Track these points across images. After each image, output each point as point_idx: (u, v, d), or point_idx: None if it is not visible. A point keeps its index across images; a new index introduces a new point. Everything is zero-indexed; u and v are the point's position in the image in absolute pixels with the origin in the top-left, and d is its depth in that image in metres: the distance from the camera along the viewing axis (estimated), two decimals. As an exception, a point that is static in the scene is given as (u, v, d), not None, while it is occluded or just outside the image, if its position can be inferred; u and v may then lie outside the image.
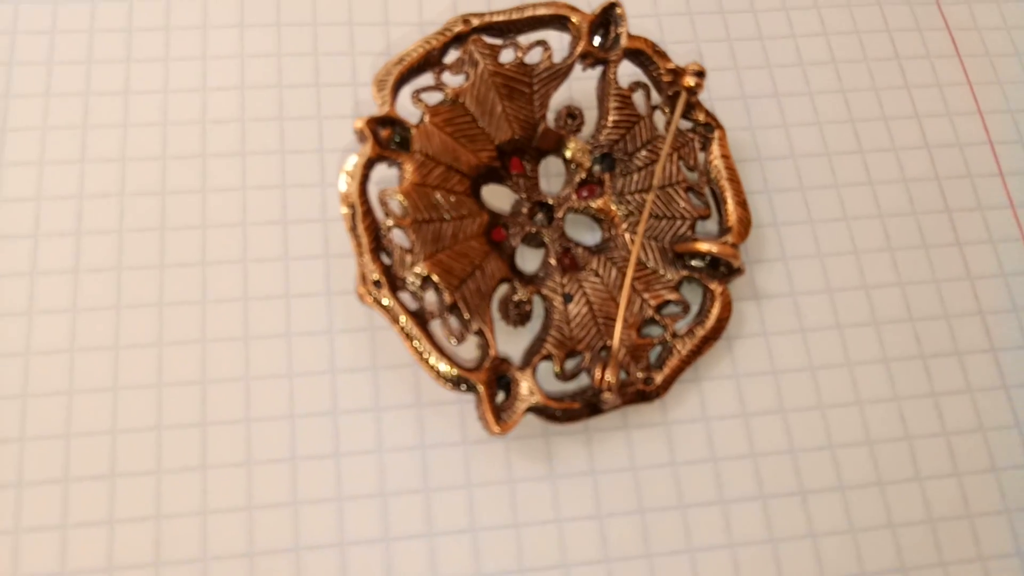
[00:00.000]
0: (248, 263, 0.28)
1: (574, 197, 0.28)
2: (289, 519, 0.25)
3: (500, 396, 0.25)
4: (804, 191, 0.31)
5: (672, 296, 0.27)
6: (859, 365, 0.28)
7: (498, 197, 0.29)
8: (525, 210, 0.28)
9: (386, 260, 0.25)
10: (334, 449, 0.26)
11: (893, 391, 0.28)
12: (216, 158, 0.29)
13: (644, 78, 0.29)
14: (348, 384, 0.27)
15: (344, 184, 0.25)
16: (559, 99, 0.30)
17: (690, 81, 0.28)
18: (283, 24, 0.31)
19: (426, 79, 0.27)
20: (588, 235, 0.29)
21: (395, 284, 0.25)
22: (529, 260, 0.28)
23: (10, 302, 0.26)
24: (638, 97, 0.29)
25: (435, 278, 0.25)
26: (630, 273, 0.26)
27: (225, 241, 0.28)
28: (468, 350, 0.26)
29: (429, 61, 0.27)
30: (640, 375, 0.26)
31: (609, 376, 0.25)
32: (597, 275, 0.27)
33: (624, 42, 0.28)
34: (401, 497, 0.25)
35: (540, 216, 0.28)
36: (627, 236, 0.28)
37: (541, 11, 0.28)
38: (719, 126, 0.29)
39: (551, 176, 0.30)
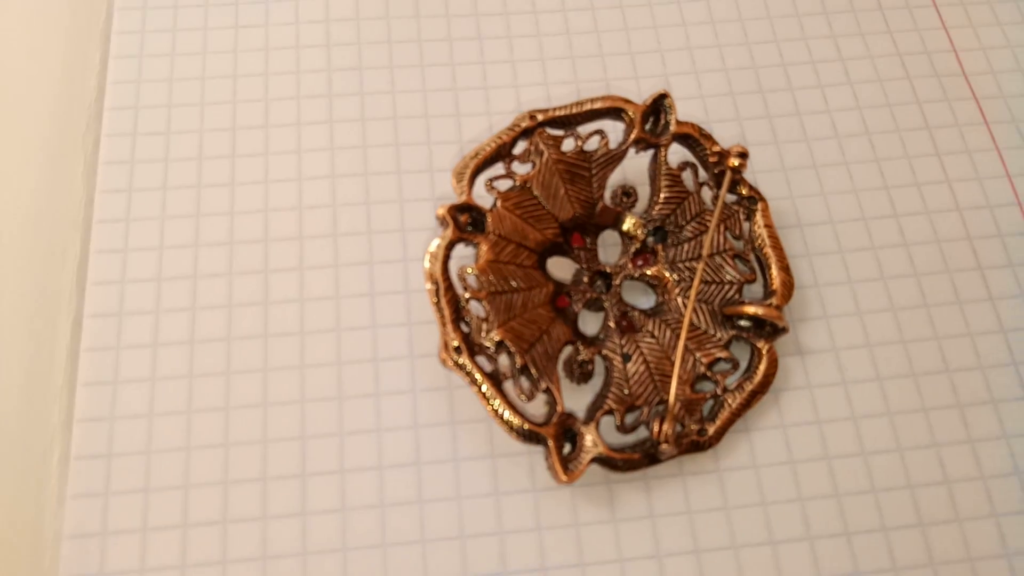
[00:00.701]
0: (341, 331, 0.31)
1: (630, 266, 0.32)
2: (379, 560, 0.28)
3: (567, 448, 0.28)
4: (843, 254, 0.33)
5: (722, 354, 0.30)
6: (899, 414, 0.31)
7: (562, 268, 0.32)
8: (586, 279, 0.31)
9: (464, 328, 0.29)
10: (417, 496, 0.29)
11: (932, 438, 0.30)
12: (311, 239, 0.33)
13: (692, 158, 0.33)
14: (429, 438, 0.30)
15: (428, 263, 0.29)
16: (615, 179, 0.34)
17: (734, 161, 0.31)
18: (367, 119, 0.35)
19: (498, 168, 0.31)
20: (643, 300, 0.32)
21: (473, 349, 0.29)
22: (591, 324, 0.32)
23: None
24: (687, 175, 0.33)
25: (508, 343, 0.29)
26: (684, 334, 0.29)
27: (321, 312, 0.32)
28: (537, 407, 0.29)
29: (500, 153, 0.31)
30: (694, 427, 0.29)
31: (667, 428, 0.28)
32: (652, 336, 0.30)
33: (673, 128, 0.32)
34: (478, 540, 0.29)
35: (600, 283, 0.32)
36: (679, 300, 0.31)
37: (598, 104, 0.32)
38: (761, 198, 0.32)
39: (608, 247, 0.33)
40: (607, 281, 0.32)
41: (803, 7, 0.38)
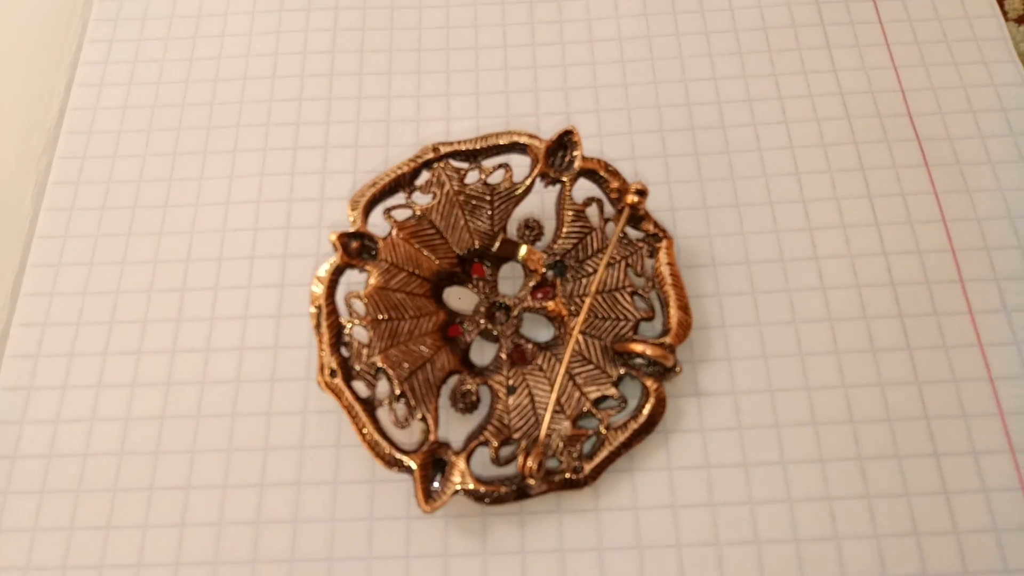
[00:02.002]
0: (244, 350, 0.32)
1: (529, 299, 0.32)
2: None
3: (437, 477, 0.29)
4: (755, 295, 0.32)
5: (610, 391, 0.30)
6: (794, 464, 0.30)
7: (465, 299, 0.32)
8: (483, 309, 0.31)
9: (345, 353, 0.29)
10: (293, 515, 0.30)
11: (826, 491, 0.29)
12: (231, 260, 0.34)
13: (599, 194, 0.33)
14: (314, 459, 0.30)
15: (314, 286, 0.30)
16: (523, 212, 0.34)
17: (632, 198, 0.31)
18: (268, 149, 0.36)
19: (399, 198, 0.32)
20: (545, 333, 0.32)
21: (351, 374, 0.29)
22: (486, 355, 0.32)
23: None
24: (591, 211, 0.32)
25: (387, 369, 0.29)
26: (563, 367, 0.29)
27: (227, 331, 0.33)
28: (413, 435, 0.29)
29: (401, 183, 0.31)
30: (570, 464, 0.29)
31: (531, 463, 0.28)
32: (541, 369, 0.30)
33: (578, 164, 0.32)
34: (346, 563, 0.29)
35: (499, 315, 0.32)
36: (580, 336, 0.31)
37: (503, 140, 0.32)
38: (666, 236, 0.32)
39: (513, 280, 0.33)
40: (507, 313, 0.32)
41: (753, 44, 0.38)
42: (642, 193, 0.31)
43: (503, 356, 0.31)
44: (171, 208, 0.35)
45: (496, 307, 0.32)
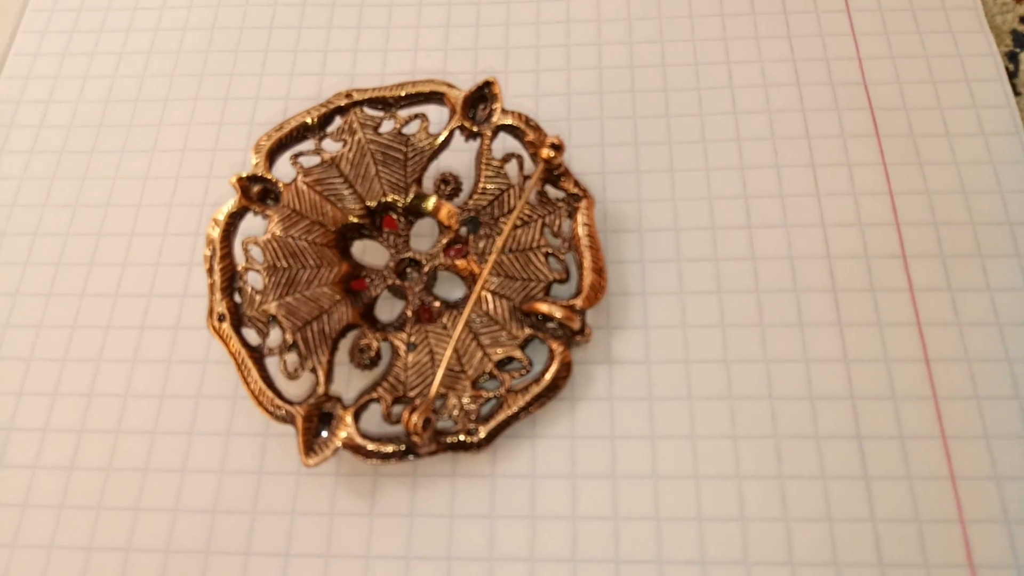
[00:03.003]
0: (152, 297, 0.32)
1: (442, 256, 0.30)
2: (128, 522, 0.28)
3: (323, 433, 0.27)
4: (680, 263, 0.31)
5: (515, 353, 0.28)
6: (704, 439, 0.28)
7: (375, 253, 0.31)
8: (392, 264, 0.30)
9: (238, 299, 0.28)
10: (181, 465, 0.29)
11: (736, 469, 0.27)
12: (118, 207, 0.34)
13: (521, 150, 0.31)
14: (209, 409, 0.30)
15: (209, 228, 0.29)
16: (444, 166, 0.32)
17: (547, 153, 0.30)
18: (200, 98, 0.36)
19: (307, 146, 0.31)
20: (458, 292, 0.31)
21: (241, 320, 0.28)
22: (392, 310, 0.31)
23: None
24: (512, 167, 0.31)
25: (279, 318, 0.28)
26: (461, 323, 0.28)
27: (136, 277, 0.32)
28: (303, 387, 0.28)
29: (309, 129, 0.30)
30: (464, 425, 0.27)
31: (415, 418, 0.26)
32: (445, 327, 0.29)
33: (497, 118, 0.31)
34: (229, 516, 0.28)
35: (410, 271, 0.31)
36: (485, 294, 0.29)
37: (420, 88, 0.31)
38: (587, 196, 0.30)
39: (425, 236, 0.32)
40: (417, 269, 0.31)
41: (705, 8, 0.36)
42: (557, 147, 0.29)
43: (408, 313, 0.30)
44: (67, 154, 0.35)
45: (406, 263, 0.31)
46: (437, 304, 0.30)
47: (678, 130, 0.33)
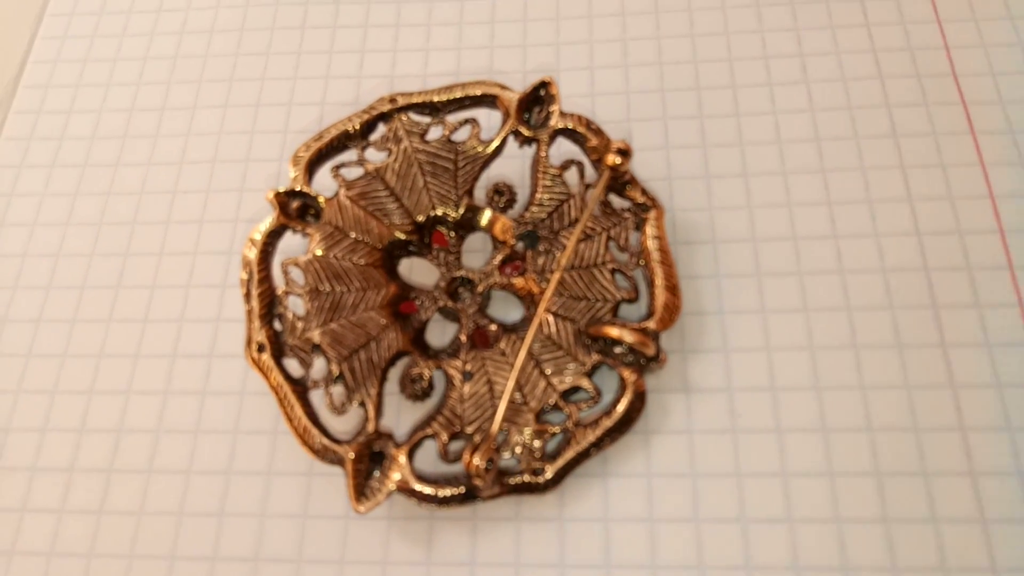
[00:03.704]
0: (184, 322, 0.29)
1: (497, 274, 0.28)
2: (164, 574, 0.26)
3: (375, 473, 0.25)
4: (760, 277, 0.28)
5: (582, 382, 0.26)
6: (798, 477, 0.25)
7: (425, 272, 0.29)
8: (444, 284, 0.28)
9: (278, 326, 0.26)
10: (219, 508, 0.26)
11: (835, 511, 0.25)
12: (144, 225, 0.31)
13: (581, 156, 0.29)
14: (247, 446, 0.27)
15: (245, 250, 0.26)
16: (497, 176, 0.30)
17: (613, 159, 0.27)
18: (230, 105, 0.33)
19: (349, 156, 0.28)
20: (514, 313, 0.28)
21: (282, 350, 0.26)
22: (445, 335, 0.28)
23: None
24: (571, 175, 0.28)
25: (324, 347, 0.26)
26: (523, 352, 0.25)
27: (166, 301, 0.30)
28: (351, 422, 0.26)
29: (351, 137, 0.28)
30: (530, 464, 0.25)
31: (478, 459, 0.24)
32: (503, 354, 0.26)
33: (555, 121, 0.28)
34: (272, 565, 0.25)
35: (462, 292, 0.28)
36: (548, 316, 0.27)
37: (470, 90, 0.28)
38: (656, 206, 0.27)
39: (478, 252, 0.29)
40: (470, 289, 0.28)
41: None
42: (624, 153, 0.27)
43: (463, 338, 0.27)
44: (90, 168, 0.32)
45: (458, 282, 0.28)
46: (493, 327, 0.27)
47: (750, 130, 0.30)
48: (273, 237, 0.27)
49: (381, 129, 0.28)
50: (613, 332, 0.25)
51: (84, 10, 0.36)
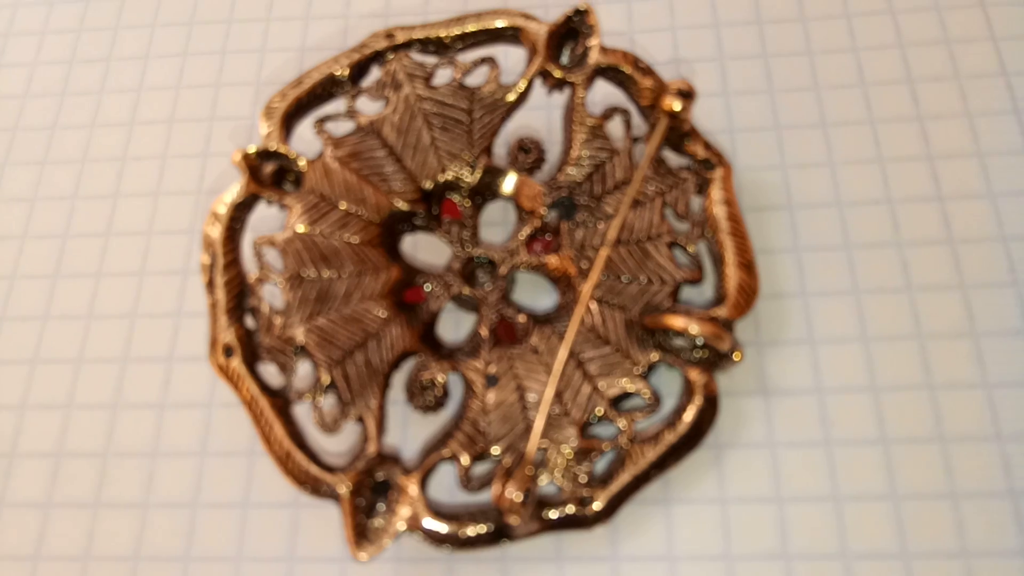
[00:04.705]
0: (136, 317, 0.24)
1: (523, 252, 0.22)
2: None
3: (379, 507, 0.20)
4: (851, 250, 0.23)
5: (637, 386, 0.20)
6: (909, 500, 0.20)
7: (431, 249, 0.23)
8: (458, 266, 0.22)
9: (250, 323, 0.21)
10: (184, 551, 0.21)
11: (961, 543, 0.19)
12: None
13: (625, 102, 0.23)
14: (217, 471, 0.22)
15: (209, 228, 0.21)
16: (519, 129, 0.24)
17: (673, 104, 0.21)
18: (190, 54, 0.28)
19: (336, 106, 0.23)
20: (545, 300, 0.23)
21: (255, 353, 0.20)
22: (459, 329, 0.23)
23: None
24: (615, 126, 0.23)
25: (310, 348, 0.20)
26: (565, 348, 0.20)
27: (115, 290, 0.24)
28: (346, 442, 0.20)
29: (338, 83, 0.22)
30: (575, 491, 0.19)
31: (512, 491, 0.18)
32: (536, 352, 0.21)
33: (594, 58, 0.22)
34: (250, 625, 0.20)
35: (480, 274, 0.22)
36: (592, 303, 0.21)
37: (486, 23, 0.23)
38: (723, 163, 0.22)
39: (498, 225, 0.24)
40: (490, 271, 0.22)
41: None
42: (687, 95, 0.21)
43: (483, 332, 0.21)
44: (21, 132, 0.27)
45: (476, 263, 0.22)
46: (521, 319, 0.22)
47: (825, 70, 0.25)
48: (242, 210, 0.21)
49: (376, 73, 0.23)
50: (676, 323, 0.20)
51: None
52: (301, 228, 0.21)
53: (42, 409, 0.23)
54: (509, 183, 0.22)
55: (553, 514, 0.19)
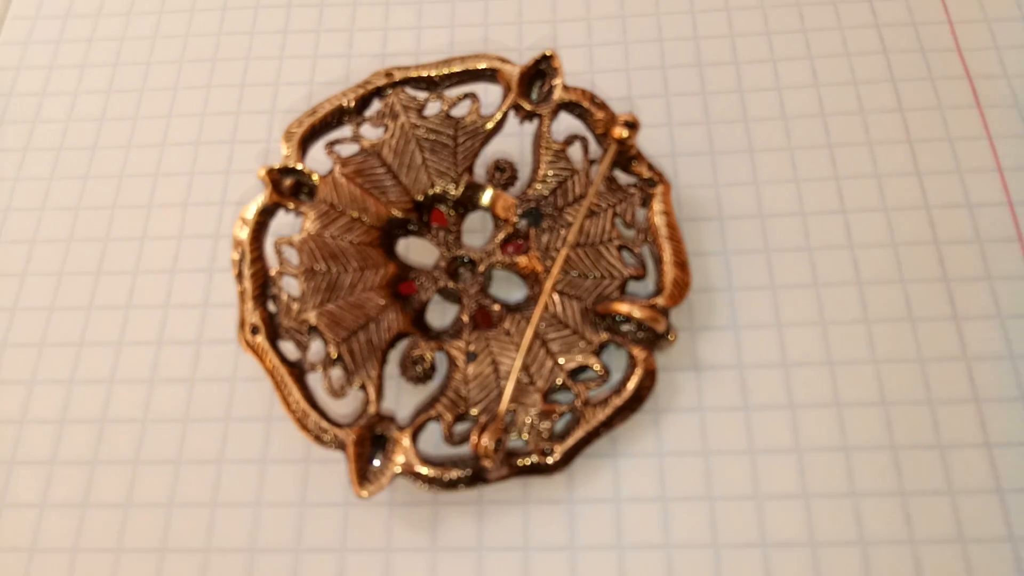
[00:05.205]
0: (169, 307, 0.28)
1: (498, 253, 0.27)
2: (153, 565, 0.24)
3: (378, 457, 0.24)
4: (769, 253, 0.27)
5: (590, 361, 0.25)
6: (812, 452, 0.24)
7: (424, 252, 0.28)
8: (444, 263, 0.27)
9: (272, 308, 0.25)
10: (211, 499, 0.25)
11: (851, 485, 0.24)
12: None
13: (584, 131, 0.28)
14: (239, 433, 0.26)
15: (236, 229, 0.25)
16: (494, 151, 0.29)
17: (620, 132, 0.26)
18: (214, 86, 0.32)
19: (344, 132, 0.27)
20: (517, 293, 0.27)
21: (277, 332, 0.25)
22: (446, 316, 0.27)
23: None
24: (575, 151, 0.28)
25: (321, 328, 0.24)
26: (530, 330, 0.24)
27: (150, 286, 0.28)
28: (351, 405, 0.25)
29: (346, 113, 0.27)
30: (538, 444, 0.24)
31: (486, 440, 0.23)
32: (508, 334, 0.25)
33: (558, 95, 0.27)
34: (270, 555, 0.24)
35: (462, 271, 0.27)
36: (554, 294, 0.26)
37: (469, 64, 0.27)
38: (663, 181, 0.27)
39: (478, 231, 0.28)
40: (471, 268, 0.27)
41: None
42: (632, 126, 0.26)
43: (465, 318, 0.26)
44: (65, 151, 0.31)
45: (459, 262, 0.27)
46: (496, 307, 0.26)
47: (754, 106, 0.30)
48: (265, 216, 0.26)
49: (377, 105, 0.27)
50: (622, 308, 0.25)
51: (59, -12, 0.35)
52: (314, 230, 0.26)
53: (88, 383, 0.27)
54: (487, 196, 0.27)
55: (520, 463, 0.24)
